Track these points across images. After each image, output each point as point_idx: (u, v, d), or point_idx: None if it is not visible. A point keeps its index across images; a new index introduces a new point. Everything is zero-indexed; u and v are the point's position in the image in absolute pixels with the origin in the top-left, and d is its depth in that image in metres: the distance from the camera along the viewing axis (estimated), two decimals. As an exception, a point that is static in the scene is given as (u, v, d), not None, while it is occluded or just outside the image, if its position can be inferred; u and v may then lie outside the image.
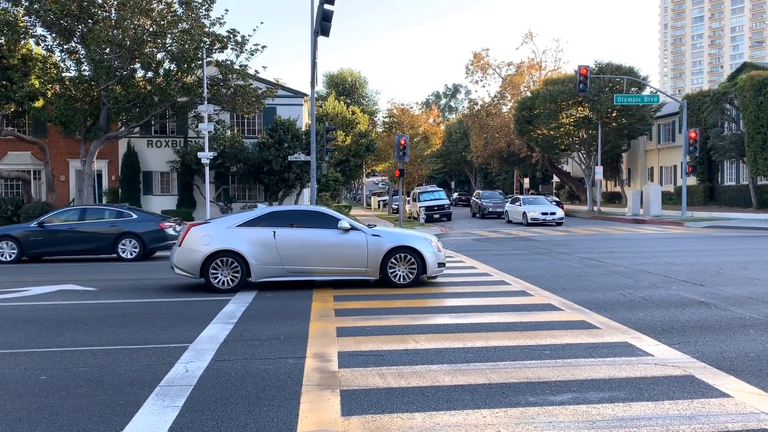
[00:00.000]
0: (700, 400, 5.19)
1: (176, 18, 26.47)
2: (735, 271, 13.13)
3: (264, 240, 11.35)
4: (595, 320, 8.43)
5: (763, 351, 6.75)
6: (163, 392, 5.62)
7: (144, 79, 27.72)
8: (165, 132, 33.48)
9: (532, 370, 6.13)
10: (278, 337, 7.77)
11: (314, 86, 24.63)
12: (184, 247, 11.46)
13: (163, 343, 7.56)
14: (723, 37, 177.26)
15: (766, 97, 34.95)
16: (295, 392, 5.56)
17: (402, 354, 6.81)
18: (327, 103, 54.82)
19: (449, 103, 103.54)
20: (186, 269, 11.47)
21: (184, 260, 11.44)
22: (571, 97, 42.74)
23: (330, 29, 21.50)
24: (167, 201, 32.67)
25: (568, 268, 14.41)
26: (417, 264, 11.57)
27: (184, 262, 11.46)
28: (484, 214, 42.00)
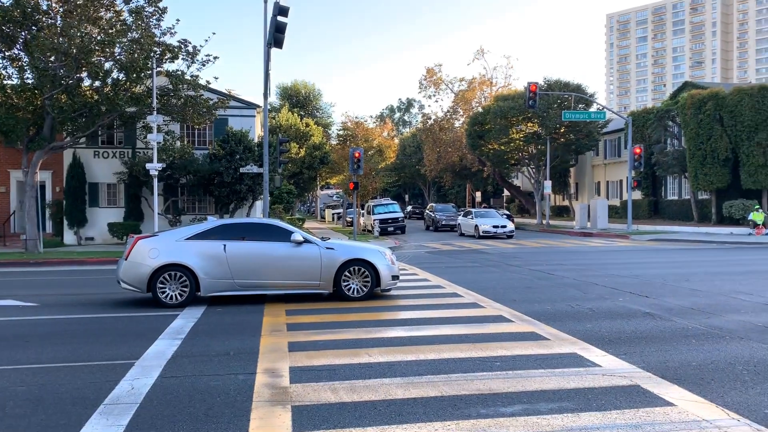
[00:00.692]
0: (646, 409, 5.31)
1: (125, 27, 25.90)
2: (678, 283, 13.55)
3: (214, 253, 11.15)
4: (544, 332, 8.56)
5: (704, 360, 6.96)
6: (107, 411, 5.43)
7: (91, 89, 26.99)
8: (112, 142, 32.62)
9: (484, 382, 6.17)
10: (228, 352, 7.62)
11: (267, 97, 24.47)
12: (130, 261, 11.15)
13: (107, 359, 7.32)
14: (665, 57, 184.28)
15: (706, 115, 36.39)
16: (245, 409, 5.46)
17: (355, 368, 6.77)
18: (280, 114, 54.49)
19: (403, 117, 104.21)
20: (132, 283, 11.15)
21: (131, 274, 11.13)
22: (521, 113, 43.63)
23: (283, 41, 21.43)
24: (114, 213, 31.79)
25: (518, 280, 14.63)
26: (371, 277, 11.54)
27: (130, 276, 11.15)
28: (438, 227, 42.34)
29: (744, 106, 35.17)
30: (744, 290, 12.31)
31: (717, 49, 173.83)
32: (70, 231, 31.09)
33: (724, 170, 36.32)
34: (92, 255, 23.35)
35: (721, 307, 10.42)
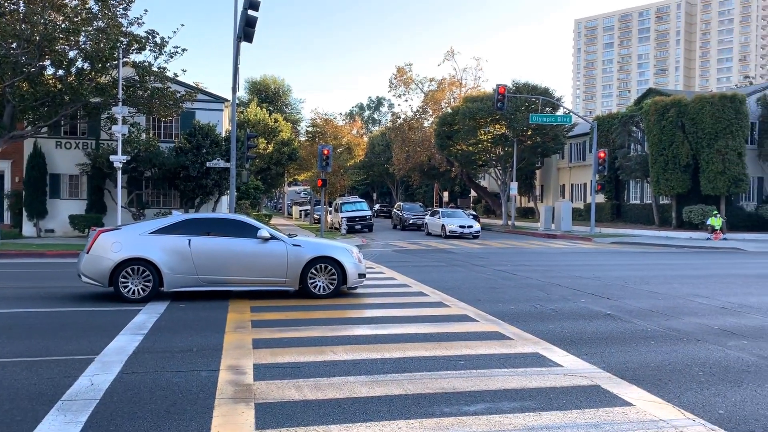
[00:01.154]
0: (605, 409, 5.42)
1: (91, 15, 25.36)
2: (638, 285, 13.84)
3: (178, 248, 10.99)
4: (508, 331, 8.66)
5: (662, 361, 7.13)
6: (65, 407, 5.32)
7: (54, 77, 26.37)
8: (75, 133, 31.90)
9: (448, 380, 6.22)
10: (191, 349, 7.53)
11: (236, 92, 24.22)
12: (92, 254, 10.93)
13: (66, 354, 7.16)
14: (631, 63, 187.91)
15: (668, 122, 37.21)
16: (208, 406, 5.40)
17: (319, 366, 6.75)
18: (249, 109, 53.96)
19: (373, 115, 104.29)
20: (94, 277, 10.94)
21: (92, 268, 10.91)
22: (489, 114, 44.02)
23: (253, 35, 21.23)
24: (76, 205, 31.10)
25: (483, 280, 14.76)
26: (337, 275, 11.52)
27: (91, 269, 10.93)
28: (405, 225, 42.48)
29: (705, 114, 36.05)
30: (701, 293, 12.63)
31: (680, 57, 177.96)
32: (29, 223, 30.31)
33: (685, 176, 37.20)
34: (52, 247, 22.82)
35: (679, 309, 10.68)
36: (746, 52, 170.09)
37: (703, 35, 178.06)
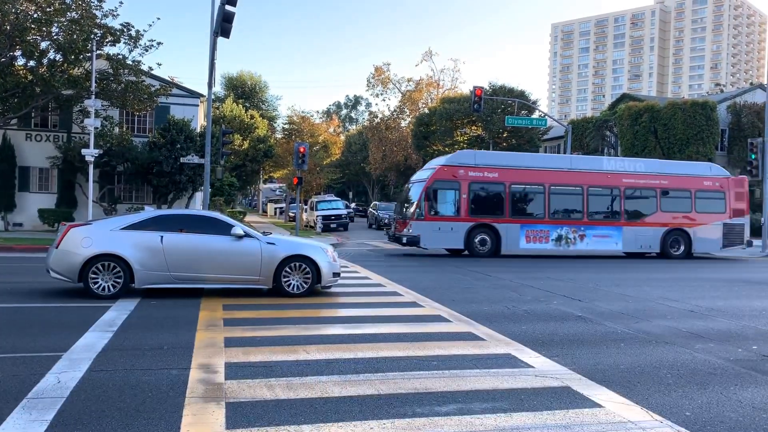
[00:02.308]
0: (575, 410, 5.47)
1: (64, 6, 24.92)
2: (609, 288, 14.03)
3: (150, 244, 10.85)
4: (481, 332, 8.71)
5: (631, 363, 7.23)
6: (30, 405, 5.21)
7: (25, 68, 25.87)
8: (46, 125, 31.32)
9: (420, 381, 6.23)
10: (162, 347, 7.44)
11: (211, 87, 24.01)
12: (61, 249, 10.73)
13: (33, 351, 7.02)
14: (606, 68, 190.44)
15: (642, 127, 37.82)
16: (178, 405, 5.33)
17: (292, 365, 6.71)
18: (225, 105, 53.51)
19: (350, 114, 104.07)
20: (63, 273, 10.74)
21: (62, 263, 10.72)
22: (466, 116, 44.33)
23: (230, 31, 21.03)
24: (46, 199, 30.55)
25: (457, 280, 14.83)
26: (312, 273, 11.46)
27: (61, 265, 10.73)
28: (381, 225, 42.49)
29: (677, 120, 36.73)
30: (671, 296, 12.84)
31: (654, 63, 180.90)
32: (-4, 216, 29.69)
33: (657, 181, 37.82)
34: (19, 242, 22.38)
35: (649, 312, 10.84)
36: (718, 60, 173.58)
37: (676, 42, 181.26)
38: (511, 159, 23.89)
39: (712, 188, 24.04)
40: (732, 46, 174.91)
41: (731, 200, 24.04)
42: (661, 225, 23.26)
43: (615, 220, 23.01)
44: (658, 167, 24.25)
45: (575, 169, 23.01)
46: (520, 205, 22.59)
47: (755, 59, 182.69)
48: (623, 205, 23.08)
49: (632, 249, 23.22)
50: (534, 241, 22.11)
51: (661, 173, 23.73)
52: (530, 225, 22.21)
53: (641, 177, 23.46)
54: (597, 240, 22.77)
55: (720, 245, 24.00)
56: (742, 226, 24.15)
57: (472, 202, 21.82)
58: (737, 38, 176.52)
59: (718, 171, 24.82)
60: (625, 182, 23.17)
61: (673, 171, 24.07)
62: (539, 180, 22.43)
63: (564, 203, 22.86)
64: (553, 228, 22.37)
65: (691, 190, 23.73)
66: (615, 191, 23.09)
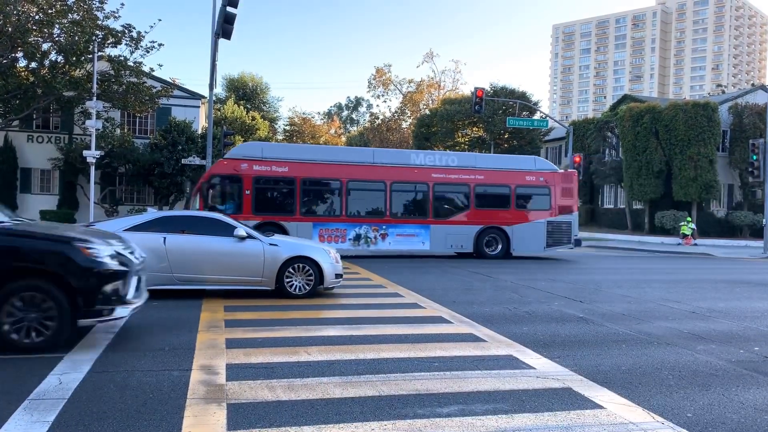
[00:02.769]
0: (577, 411, 5.47)
1: (66, 8, 24.99)
2: (611, 289, 14.02)
3: (153, 246, 10.84)
4: (482, 333, 8.70)
5: (633, 365, 7.22)
6: (32, 406, 5.21)
7: (27, 70, 25.93)
8: (48, 127, 31.38)
9: (422, 382, 6.22)
10: (163, 348, 7.44)
11: (213, 88, 24.04)
12: None
13: (34, 353, 7.02)
14: (607, 70, 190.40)
15: (643, 128, 37.79)
16: (179, 406, 5.34)
17: (293, 366, 6.72)
18: (226, 106, 53.49)
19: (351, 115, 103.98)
20: None
21: None
22: (467, 117, 44.33)
23: (232, 32, 21.07)
24: (47, 201, 30.58)
25: (458, 281, 14.83)
26: (314, 275, 11.47)
27: None
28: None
29: (678, 121, 36.68)
30: (672, 298, 12.83)
31: (655, 64, 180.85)
32: (-2, 217, 29.72)
33: (658, 182, 37.79)
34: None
35: (650, 313, 10.83)
36: (719, 61, 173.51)
37: (677, 43, 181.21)
38: (305, 152, 22.24)
39: (536, 183, 22.39)
40: (733, 47, 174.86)
41: (557, 196, 22.41)
42: (475, 223, 21.64)
43: (422, 218, 21.45)
44: (473, 161, 22.79)
45: (378, 164, 21.43)
46: (313, 203, 21.04)
47: (757, 60, 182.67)
48: (432, 202, 21.50)
49: (442, 249, 21.80)
50: (329, 241, 20.42)
51: (477, 168, 22.17)
52: (325, 224, 20.66)
53: (453, 172, 21.81)
54: (401, 239, 21.35)
55: (544, 245, 22.31)
56: (570, 224, 22.55)
57: (256, 199, 20.16)
58: (738, 39, 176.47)
59: (543, 165, 23.19)
60: (435, 177, 21.56)
61: (491, 165, 22.53)
62: (336, 175, 20.88)
63: (364, 200, 21.31)
64: (351, 227, 20.92)
65: (510, 185, 22.09)
66: (423, 187, 21.46)
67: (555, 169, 23.37)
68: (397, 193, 21.36)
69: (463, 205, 21.94)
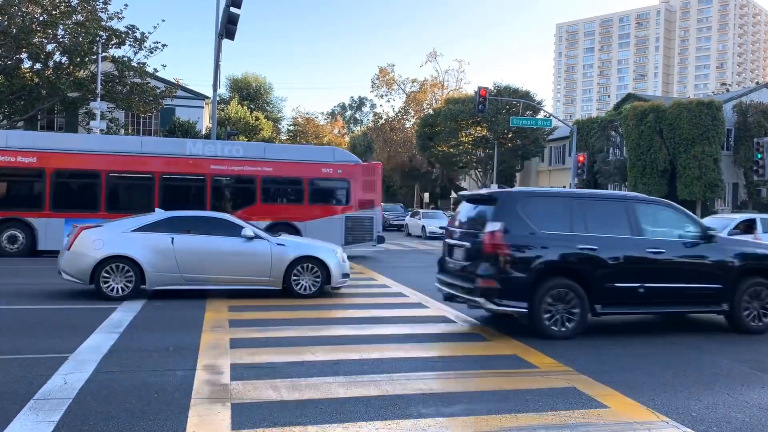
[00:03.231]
0: (581, 410, 5.46)
1: (70, 9, 25.08)
2: (615, 288, 13.96)
3: (161, 246, 10.90)
4: (486, 333, 8.70)
5: (637, 364, 7.21)
6: (37, 406, 5.23)
7: (31, 71, 26.02)
8: (53, 128, 31.50)
9: (426, 381, 6.23)
10: (167, 348, 7.46)
11: (217, 89, 24.08)
12: (73, 251, 10.79)
13: (39, 353, 7.05)
14: (611, 69, 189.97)
15: (647, 127, 37.69)
16: (184, 405, 5.35)
17: (297, 366, 6.72)
18: (230, 107, 53.65)
19: (354, 115, 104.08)
20: (75, 275, 10.79)
21: (73, 265, 10.78)
22: (471, 116, 44.24)
23: (235, 33, 21.11)
24: (52, 201, 30.66)
25: (463, 281, 14.79)
26: (321, 275, 11.50)
27: (72, 267, 10.79)
28: (385, 226, 42.47)
29: (683, 119, 36.57)
30: (676, 297, 12.78)
31: (659, 63, 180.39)
32: (3, 218, 29.82)
33: (662, 181, 37.70)
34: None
35: (654, 312, 10.79)
36: (723, 60, 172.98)
37: (681, 42, 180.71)
38: (59, 141, 19.76)
39: (333, 176, 20.62)
40: (738, 46, 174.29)
41: (358, 190, 20.69)
42: (261, 219, 19.06)
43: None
44: (262, 152, 20.70)
45: (146, 154, 19.29)
46: (66, 196, 18.89)
47: (761, 59, 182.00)
48: (210, 196, 19.42)
49: None
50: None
51: (267, 159, 20.24)
52: (80, 220, 17.37)
53: (237, 163, 19.87)
54: None
55: (342, 242, 19.83)
56: (371, 219, 21.00)
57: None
58: (743, 38, 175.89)
59: (343, 156, 21.38)
60: (214, 169, 19.60)
61: (283, 156, 20.63)
62: (95, 166, 18.79)
63: (129, 193, 19.51)
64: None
65: (303, 178, 20.24)
66: (199, 180, 19.49)
67: (356, 161, 21.70)
68: (168, 186, 19.22)
69: (248, 199, 20.06)
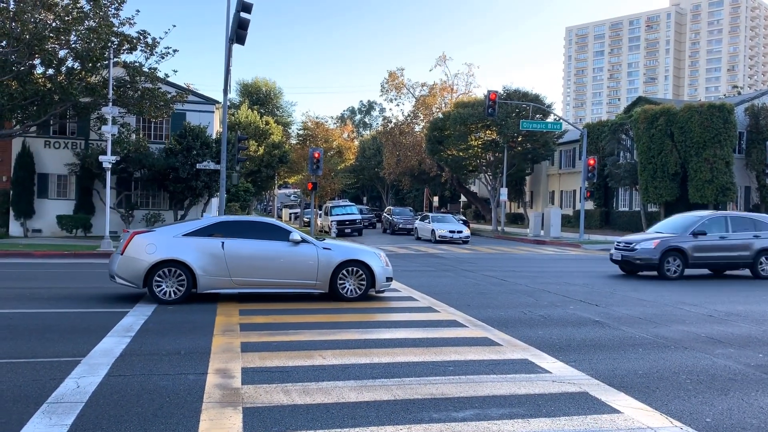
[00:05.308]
0: (593, 416, 5.43)
1: (82, 14, 25.21)
2: (626, 293, 13.90)
3: (212, 250, 11.02)
4: (497, 337, 8.66)
5: (650, 368, 7.16)
6: (50, 410, 5.26)
7: (44, 76, 26.20)
8: (65, 133, 31.68)
9: (437, 386, 6.21)
10: (179, 351, 7.48)
11: (227, 94, 24.15)
12: (126, 256, 10.95)
13: (52, 356, 7.10)
14: (620, 72, 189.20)
15: (658, 130, 37.47)
16: (195, 410, 5.36)
17: (308, 370, 6.72)
18: (240, 111, 53.79)
19: (364, 119, 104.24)
20: (128, 279, 10.96)
21: (127, 269, 10.93)
22: (480, 120, 44.11)
23: (245, 38, 21.17)
24: (64, 205, 30.87)
25: (473, 285, 14.78)
26: (366, 278, 11.66)
27: (126, 271, 10.95)
28: (395, 230, 42.47)
29: (694, 122, 36.34)
30: (689, 301, 12.70)
31: (670, 66, 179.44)
32: (16, 222, 30.08)
33: (673, 184, 37.46)
34: (39, 248, 22.63)
35: (667, 317, 10.73)
36: (735, 62, 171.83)
37: (692, 44, 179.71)
38: None
39: None
40: (749, 48, 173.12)
41: None
42: None
43: None
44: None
45: None
46: None
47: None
48: None
49: None
50: None
51: None
52: None
53: None
54: None
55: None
56: None
57: None
58: (754, 40, 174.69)
59: None
60: None
61: None
62: None
63: None
64: None
65: None
66: None
67: None
68: None
69: None
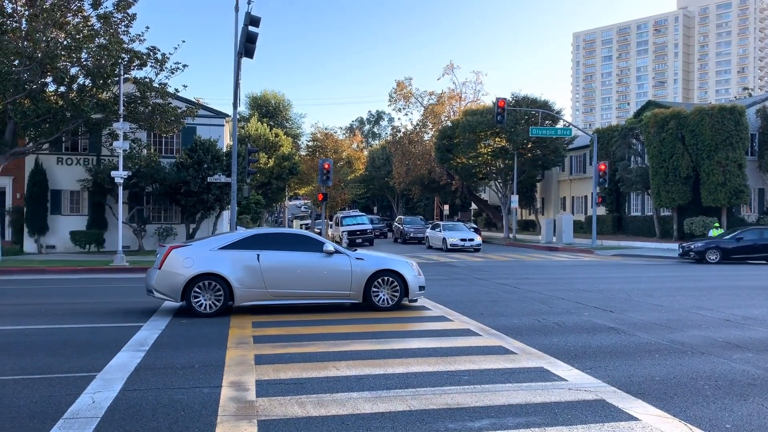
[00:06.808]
0: (611, 423, 5.37)
1: (93, 32, 25.48)
2: (641, 298, 13.79)
3: (248, 263, 11.12)
4: (511, 345, 8.61)
5: (667, 375, 7.08)
6: (66, 425, 5.28)
7: (56, 94, 26.47)
8: (77, 149, 31.97)
9: (452, 396, 6.17)
10: (193, 365, 7.49)
11: (236, 107, 24.30)
12: (164, 270, 11.06)
13: (68, 372, 7.12)
14: (629, 76, 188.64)
15: (668, 134, 37.27)
16: (210, 423, 5.36)
17: (322, 382, 6.71)
18: (249, 124, 54.11)
19: (373, 129, 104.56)
20: (166, 292, 11.07)
21: (165, 283, 11.04)
22: (489, 127, 44.09)
23: (254, 51, 21.34)
24: (77, 221, 31.10)
25: (485, 293, 14.72)
26: (400, 287, 11.73)
27: (164, 285, 11.06)
28: (406, 239, 42.42)
29: (705, 125, 36.12)
30: (705, 305, 12.58)
31: (679, 69, 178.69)
32: (30, 239, 30.32)
33: (686, 188, 37.19)
34: (53, 264, 22.79)
35: (683, 322, 10.63)
36: (744, 64, 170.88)
37: (701, 47, 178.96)
38: None
39: None
40: (759, 50, 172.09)
41: None
42: None
43: None
44: None
45: None
46: None
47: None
48: None
49: None
50: None
51: None
52: None
53: None
54: None
55: None
56: None
57: None
58: (764, 41, 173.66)
59: None
60: None
61: None
62: None
63: None
64: None
65: None
66: None
67: None
68: None
69: None
